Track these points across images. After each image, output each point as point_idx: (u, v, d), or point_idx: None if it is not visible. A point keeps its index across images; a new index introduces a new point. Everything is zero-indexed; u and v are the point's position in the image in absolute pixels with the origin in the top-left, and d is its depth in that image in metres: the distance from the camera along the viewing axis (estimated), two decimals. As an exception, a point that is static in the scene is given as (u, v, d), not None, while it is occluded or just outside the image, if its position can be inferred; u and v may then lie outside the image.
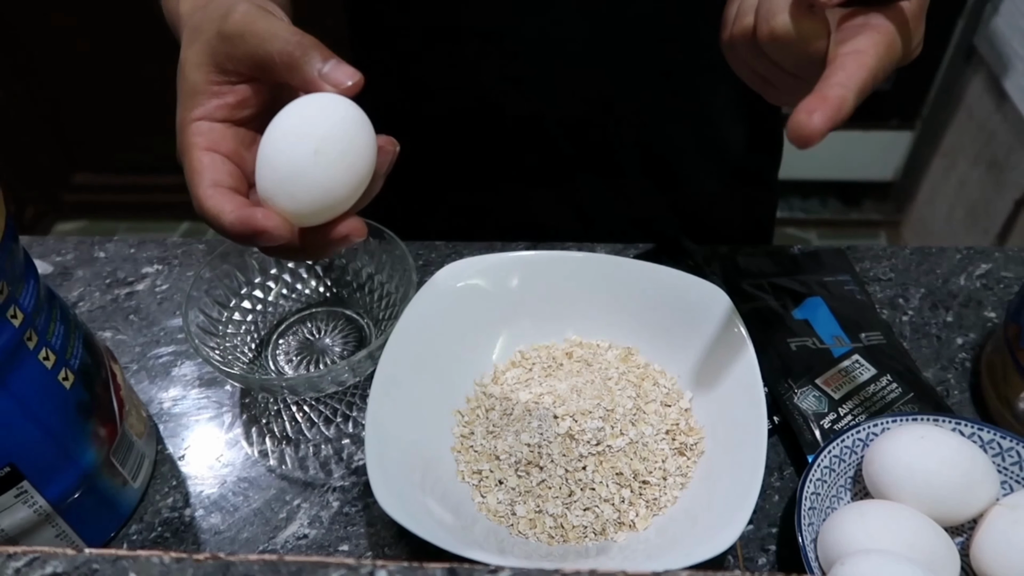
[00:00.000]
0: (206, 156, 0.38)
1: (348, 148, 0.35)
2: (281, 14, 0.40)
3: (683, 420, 0.50)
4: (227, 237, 0.36)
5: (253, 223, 0.35)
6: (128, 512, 0.50)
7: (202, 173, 0.37)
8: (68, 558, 0.29)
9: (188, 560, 0.28)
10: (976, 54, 1.53)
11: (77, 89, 1.76)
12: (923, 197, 1.78)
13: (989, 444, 0.47)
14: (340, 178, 0.35)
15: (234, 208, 0.35)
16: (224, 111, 0.38)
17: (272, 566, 0.28)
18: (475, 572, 0.28)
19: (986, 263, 0.64)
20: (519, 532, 0.45)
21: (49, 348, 0.42)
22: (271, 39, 0.36)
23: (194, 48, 0.38)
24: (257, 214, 0.35)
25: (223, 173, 0.38)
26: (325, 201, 0.35)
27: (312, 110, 0.35)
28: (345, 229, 0.37)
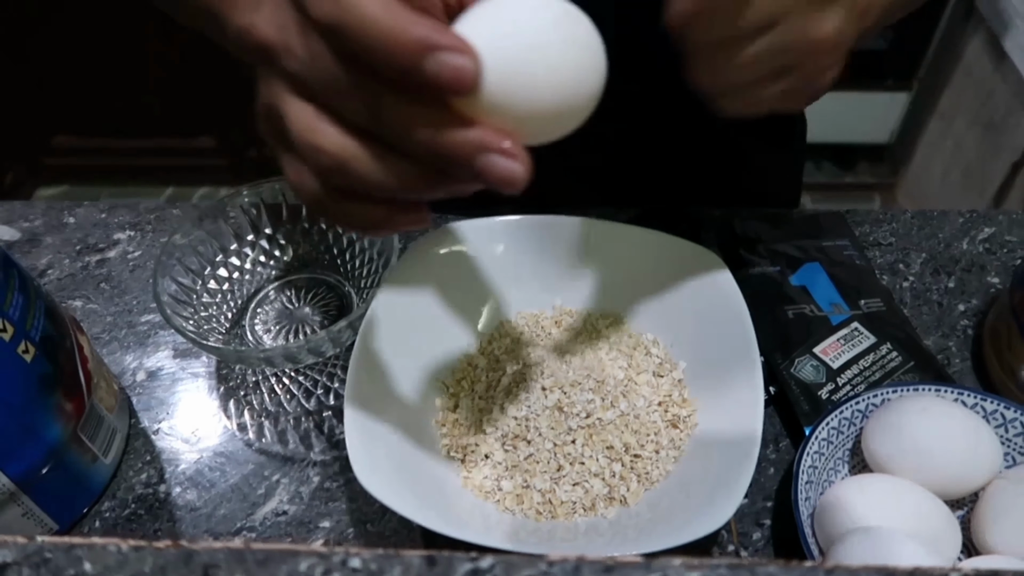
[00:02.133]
0: None
1: (596, 59, 0.28)
2: None
3: (676, 391, 0.48)
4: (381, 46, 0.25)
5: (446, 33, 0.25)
6: (99, 489, 0.48)
7: None
8: (19, 546, 0.27)
9: (148, 548, 0.26)
10: (975, 13, 1.49)
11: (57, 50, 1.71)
12: (919, 160, 1.76)
13: (992, 415, 0.45)
14: (586, 82, 0.28)
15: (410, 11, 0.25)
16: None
17: (237, 555, 0.26)
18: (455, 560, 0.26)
19: (989, 227, 0.62)
20: (506, 508, 0.44)
21: (6, 319, 0.40)
22: None
23: None
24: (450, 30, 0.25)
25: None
26: (570, 104, 0.27)
27: (553, 5, 0.27)
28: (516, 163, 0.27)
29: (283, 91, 0.29)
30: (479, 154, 0.26)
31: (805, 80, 0.35)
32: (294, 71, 0.29)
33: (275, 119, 0.30)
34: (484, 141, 0.26)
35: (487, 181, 0.27)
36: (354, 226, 0.32)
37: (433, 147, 0.27)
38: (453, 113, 0.27)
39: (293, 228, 0.59)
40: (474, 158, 0.26)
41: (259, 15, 0.30)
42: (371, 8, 0.25)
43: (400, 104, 0.26)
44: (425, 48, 0.25)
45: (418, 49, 0.25)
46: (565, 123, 0.28)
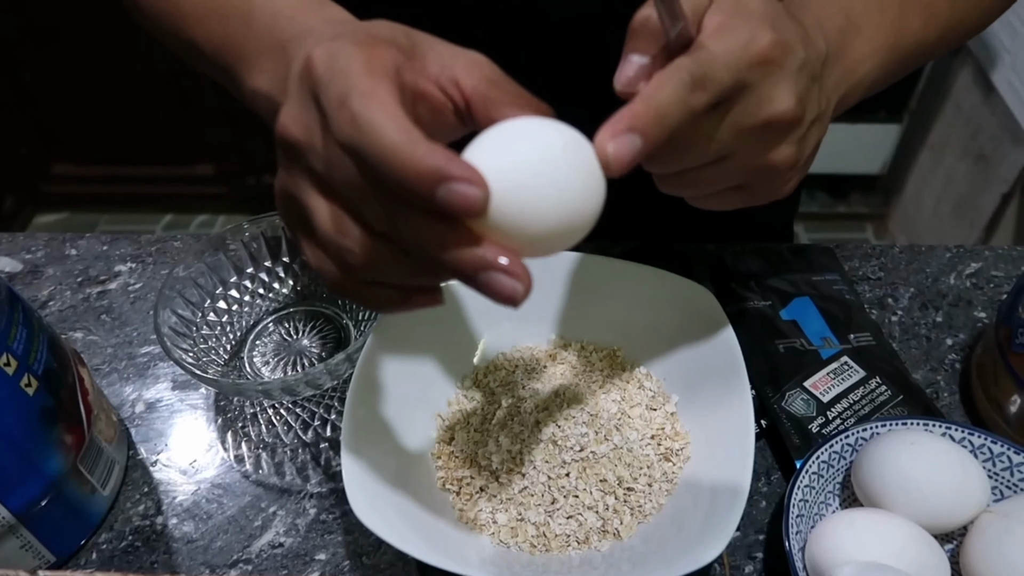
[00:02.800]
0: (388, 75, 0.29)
1: (598, 186, 0.30)
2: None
3: (669, 424, 0.48)
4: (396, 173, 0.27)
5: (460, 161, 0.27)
6: (97, 521, 0.48)
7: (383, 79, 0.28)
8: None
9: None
10: (964, 48, 1.52)
11: (57, 78, 1.73)
12: (910, 190, 1.78)
13: (980, 449, 0.46)
14: (581, 210, 0.29)
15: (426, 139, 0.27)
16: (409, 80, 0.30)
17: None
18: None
19: (976, 262, 0.63)
20: (500, 541, 0.44)
21: (10, 353, 0.41)
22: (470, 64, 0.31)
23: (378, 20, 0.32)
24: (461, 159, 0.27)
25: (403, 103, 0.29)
26: (557, 228, 0.29)
27: (554, 130, 0.29)
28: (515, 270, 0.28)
29: (307, 185, 0.31)
30: (483, 271, 0.28)
31: (764, 192, 0.37)
32: (319, 171, 0.30)
33: (297, 208, 0.32)
34: (488, 260, 0.28)
35: (489, 295, 0.29)
36: (372, 306, 0.33)
37: (442, 260, 0.29)
38: (462, 230, 0.28)
39: (292, 261, 0.59)
40: (478, 274, 0.28)
41: (285, 109, 0.31)
42: (389, 135, 0.27)
43: (413, 218, 0.28)
44: (439, 179, 0.26)
45: (432, 179, 0.26)
46: (566, 242, 0.30)
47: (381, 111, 0.27)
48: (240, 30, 0.39)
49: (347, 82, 0.28)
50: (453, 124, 0.32)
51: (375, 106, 0.27)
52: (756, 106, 0.33)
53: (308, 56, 0.30)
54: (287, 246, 0.59)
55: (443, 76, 0.31)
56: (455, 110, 0.31)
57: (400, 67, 0.30)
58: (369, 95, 0.28)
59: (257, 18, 0.39)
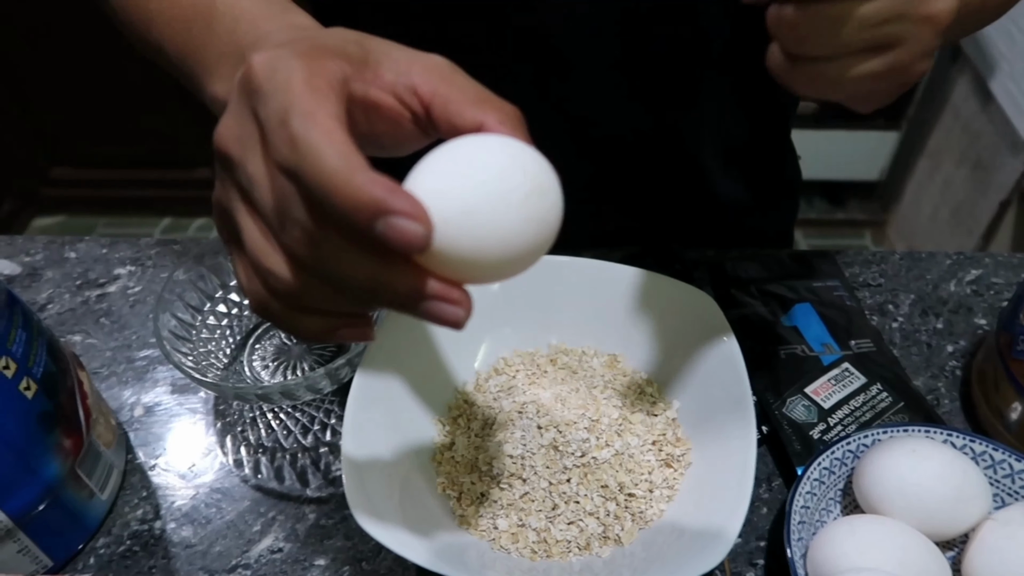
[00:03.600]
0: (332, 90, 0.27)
1: (551, 209, 0.28)
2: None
3: (670, 430, 0.48)
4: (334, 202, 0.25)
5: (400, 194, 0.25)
6: (95, 525, 0.48)
7: (326, 98, 0.26)
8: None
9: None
10: (962, 55, 1.52)
11: (55, 83, 1.73)
12: (908, 197, 1.78)
13: (981, 456, 0.46)
14: (531, 238, 0.27)
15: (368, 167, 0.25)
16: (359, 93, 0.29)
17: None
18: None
19: (976, 268, 0.63)
20: (501, 547, 0.44)
21: (9, 357, 0.40)
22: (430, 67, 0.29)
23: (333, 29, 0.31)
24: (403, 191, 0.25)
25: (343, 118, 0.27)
26: (506, 257, 0.27)
27: (509, 153, 0.27)
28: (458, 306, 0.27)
29: (237, 200, 0.29)
30: (423, 301, 0.27)
31: (905, 60, 0.33)
32: (245, 188, 0.28)
33: (228, 220, 0.30)
34: (428, 291, 0.27)
35: (430, 321, 0.27)
36: (298, 334, 0.31)
37: (379, 294, 0.27)
38: (399, 261, 0.27)
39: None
40: (418, 304, 0.27)
41: (224, 119, 0.29)
42: (329, 162, 0.25)
43: (346, 250, 0.26)
44: (377, 211, 0.24)
45: (371, 211, 0.25)
46: (512, 270, 0.28)
47: (322, 135, 0.25)
48: (202, 34, 0.39)
49: (287, 98, 0.26)
50: (412, 134, 0.31)
51: (316, 129, 0.25)
52: None
53: (248, 64, 0.28)
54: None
55: (399, 84, 0.29)
56: (414, 119, 0.30)
57: (348, 79, 0.28)
58: (310, 116, 0.26)
59: (219, 23, 0.38)
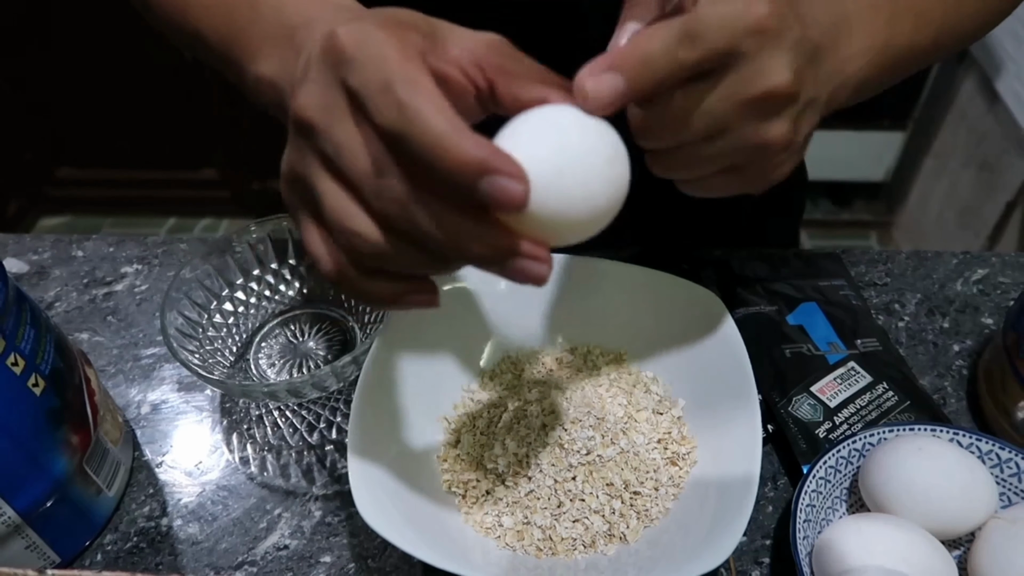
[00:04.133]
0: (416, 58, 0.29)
1: (625, 172, 0.31)
2: None
3: (675, 429, 0.48)
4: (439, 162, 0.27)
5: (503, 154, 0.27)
6: (102, 522, 0.48)
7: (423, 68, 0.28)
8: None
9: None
10: (968, 55, 1.52)
11: (62, 83, 1.74)
12: (914, 198, 1.78)
13: (987, 455, 0.45)
14: (611, 198, 0.30)
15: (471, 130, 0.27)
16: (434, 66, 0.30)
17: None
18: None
19: (983, 268, 0.63)
20: (506, 544, 0.44)
21: (18, 353, 0.41)
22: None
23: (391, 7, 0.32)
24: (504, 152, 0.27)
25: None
26: (589, 216, 0.30)
27: (581, 120, 0.30)
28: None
29: (318, 167, 0.30)
30: (511, 259, 0.29)
31: (757, 175, 0.36)
32: (331, 154, 0.29)
33: (304, 189, 0.31)
34: (521, 249, 0.29)
35: (515, 278, 0.29)
36: (368, 299, 0.33)
37: (471, 250, 0.29)
38: (490, 220, 0.29)
39: (298, 263, 0.59)
40: (506, 262, 0.29)
41: (304, 89, 0.30)
42: (437, 125, 0.27)
43: (443, 211, 0.28)
44: (484, 170, 0.26)
45: (477, 170, 0.26)
46: (591, 230, 0.31)
47: (428, 100, 0.27)
48: (245, 16, 0.39)
49: (387, 66, 0.28)
50: (472, 107, 0.32)
51: (422, 94, 0.27)
52: (751, 77, 0.32)
53: (332, 35, 0.29)
54: (294, 248, 0.59)
55: (464, 59, 0.30)
56: (477, 93, 0.31)
57: (425, 52, 0.30)
58: (414, 83, 0.27)
59: (263, 4, 0.38)
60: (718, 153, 0.34)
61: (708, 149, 0.34)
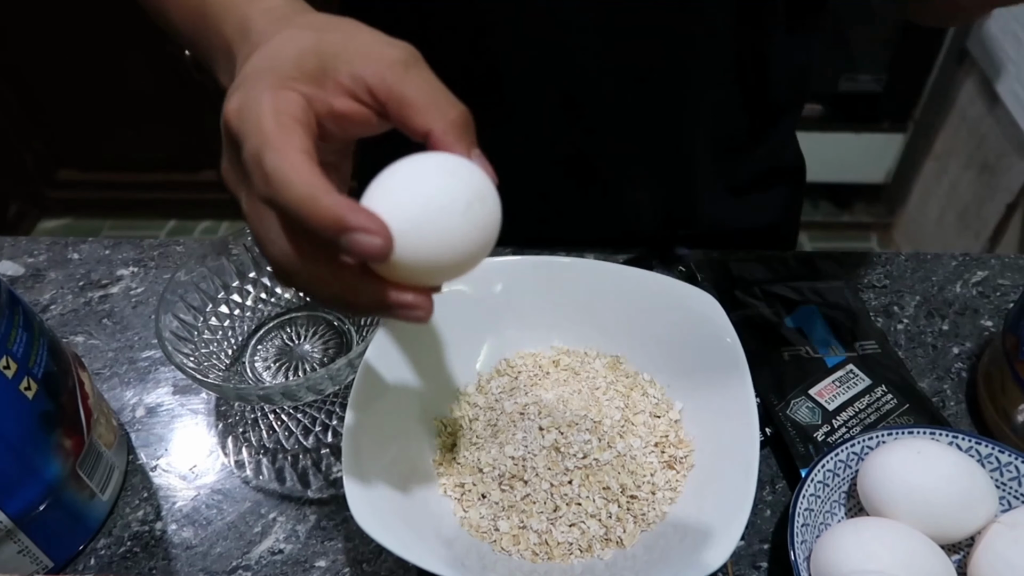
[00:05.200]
0: (297, 122, 0.31)
1: (491, 213, 0.32)
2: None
3: (673, 432, 0.48)
4: (308, 223, 0.29)
5: (361, 212, 0.29)
6: (96, 526, 0.48)
7: (292, 132, 0.30)
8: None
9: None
10: (968, 57, 1.52)
11: (62, 85, 1.74)
12: (914, 200, 1.77)
13: (987, 459, 0.45)
14: (477, 241, 0.31)
15: (335, 191, 0.29)
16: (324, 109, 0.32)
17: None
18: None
19: (982, 270, 0.63)
20: (502, 548, 0.44)
21: (10, 356, 0.40)
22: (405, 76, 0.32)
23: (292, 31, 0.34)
24: (364, 209, 0.29)
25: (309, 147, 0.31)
26: (457, 260, 0.31)
27: (450, 168, 0.31)
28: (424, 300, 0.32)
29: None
30: (386, 308, 0.32)
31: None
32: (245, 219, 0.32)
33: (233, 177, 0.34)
34: (390, 300, 0.31)
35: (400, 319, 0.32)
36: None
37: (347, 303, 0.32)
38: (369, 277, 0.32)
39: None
40: (382, 311, 0.32)
41: (222, 162, 0.34)
42: (296, 190, 0.29)
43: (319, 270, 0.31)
44: (341, 228, 0.29)
45: (336, 227, 0.29)
46: (461, 271, 0.32)
47: (290, 167, 0.29)
48: (203, 27, 0.40)
49: (260, 139, 0.30)
50: (384, 123, 0.33)
51: (284, 161, 0.29)
52: None
53: (224, 112, 0.32)
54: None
55: (356, 87, 0.32)
56: (378, 114, 0.33)
57: (310, 100, 0.32)
58: (278, 150, 0.30)
59: (210, 16, 0.39)
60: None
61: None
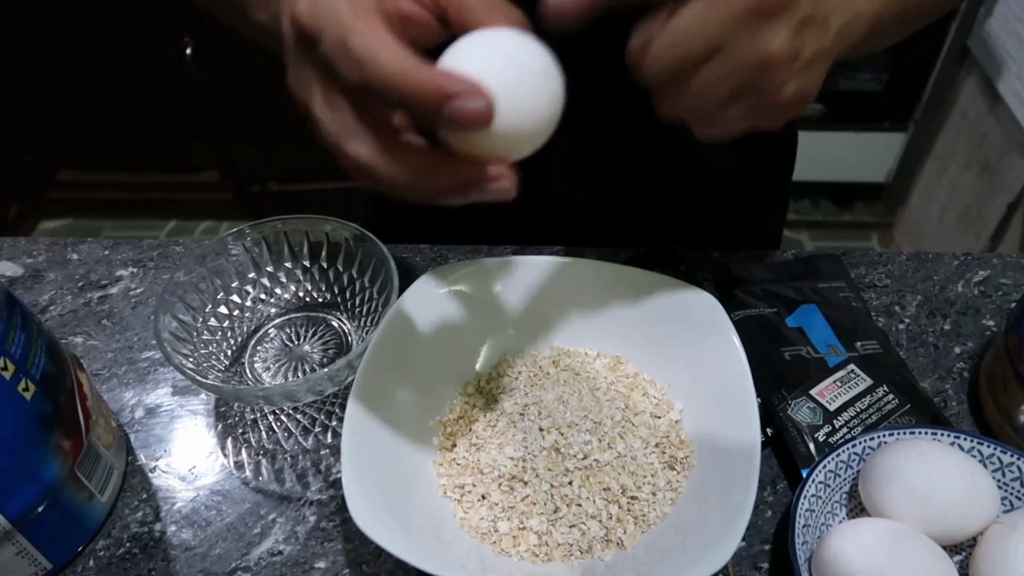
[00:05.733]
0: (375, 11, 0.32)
1: (559, 82, 0.33)
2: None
3: (673, 432, 0.48)
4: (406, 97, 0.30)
5: (459, 79, 0.30)
6: (95, 527, 0.48)
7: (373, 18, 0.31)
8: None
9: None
10: (969, 56, 1.52)
11: (62, 85, 1.73)
12: (915, 199, 1.77)
13: (989, 459, 0.45)
14: (552, 109, 0.33)
15: (426, 64, 0.30)
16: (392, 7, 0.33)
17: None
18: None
19: (984, 270, 0.62)
20: (502, 550, 0.43)
21: (7, 357, 0.40)
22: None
23: None
24: (461, 76, 0.30)
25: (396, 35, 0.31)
26: (537, 128, 0.33)
27: (523, 40, 0.32)
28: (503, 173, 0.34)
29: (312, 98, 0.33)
30: (483, 183, 0.33)
31: (764, 98, 0.36)
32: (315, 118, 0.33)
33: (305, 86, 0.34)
34: (485, 175, 0.33)
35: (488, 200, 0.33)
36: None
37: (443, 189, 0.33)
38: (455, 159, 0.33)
39: (294, 266, 0.59)
40: (478, 187, 0.33)
41: (289, 72, 0.34)
42: (392, 65, 0.30)
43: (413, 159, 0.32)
44: (444, 96, 0.29)
45: (439, 97, 0.29)
46: (539, 141, 0.34)
47: (379, 45, 0.30)
48: None
49: (341, 27, 0.31)
50: (439, 32, 0.34)
51: (372, 41, 0.30)
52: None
53: (293, 15, 0.32)
54: (289, 251, 0.58)
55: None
56: (438, 20, 0.34)
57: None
58: (364, 33, 0.30)
59: None
60: (720, 75, 0.34)
61: (708, 72, 0.34)
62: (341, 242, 0.57)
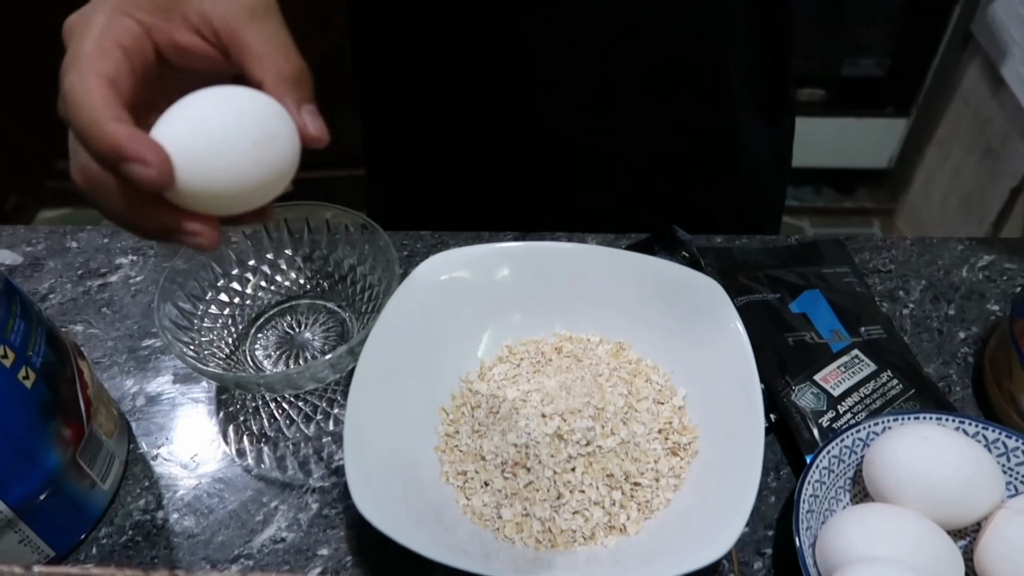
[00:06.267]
0: (119, 46, 0.31)
1: (281, 152, 0.32)
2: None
3: (676, 418, 0.48)
4: (90, 148, 0.30)
5: (141, 142, 0.29)
6: (97, 515, 0.47)
7: (105, 56, 0.31)
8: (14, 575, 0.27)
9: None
10: (973, 40, 1.51)
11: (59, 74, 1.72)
12: (918, 185, 1.76)
13: (994, 444, 0.45)
14: (264, 177, 0.31)
15: (123, 119, 0.29)
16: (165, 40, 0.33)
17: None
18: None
19: (988, 254, 0.62)
20: (505, 536, 0.43)
21: (7, 345, 0.40)
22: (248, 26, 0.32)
23: None
24: (146, 139, 0.29)
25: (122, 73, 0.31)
26: (242, 194, 0.31)
27: (257, 102, 0.31)
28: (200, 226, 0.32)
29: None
30: (176, 234, 0.32)
31: None
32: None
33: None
34: (178, 227, 0.31)
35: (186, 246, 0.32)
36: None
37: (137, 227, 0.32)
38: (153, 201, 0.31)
39: (295, 254, 0.59)
40: (173, 236, 0.32)
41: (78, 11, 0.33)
42: (85, 114, 0.29)
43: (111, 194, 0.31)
44: (119, 157, 0.29)
45: (115, 156, 0.29)
46: (252, 203, 0.32)
47: (83, 90, 0.30)
48: None
49: (68, 59, 0.31)
50: (224, 63, 0.33)
51: (79, 85, 0.30)
52: None
53: (68, 19, 0.33)
54: (290, 238, 0.58)
55: (202, 26, 0.33)
56: (224, 53, 0.33)
57: (149, 29, 0.32)
58: (80, 73, 0.30)
59: None
60: None
61: None
62: (342, 229, 0.57)
